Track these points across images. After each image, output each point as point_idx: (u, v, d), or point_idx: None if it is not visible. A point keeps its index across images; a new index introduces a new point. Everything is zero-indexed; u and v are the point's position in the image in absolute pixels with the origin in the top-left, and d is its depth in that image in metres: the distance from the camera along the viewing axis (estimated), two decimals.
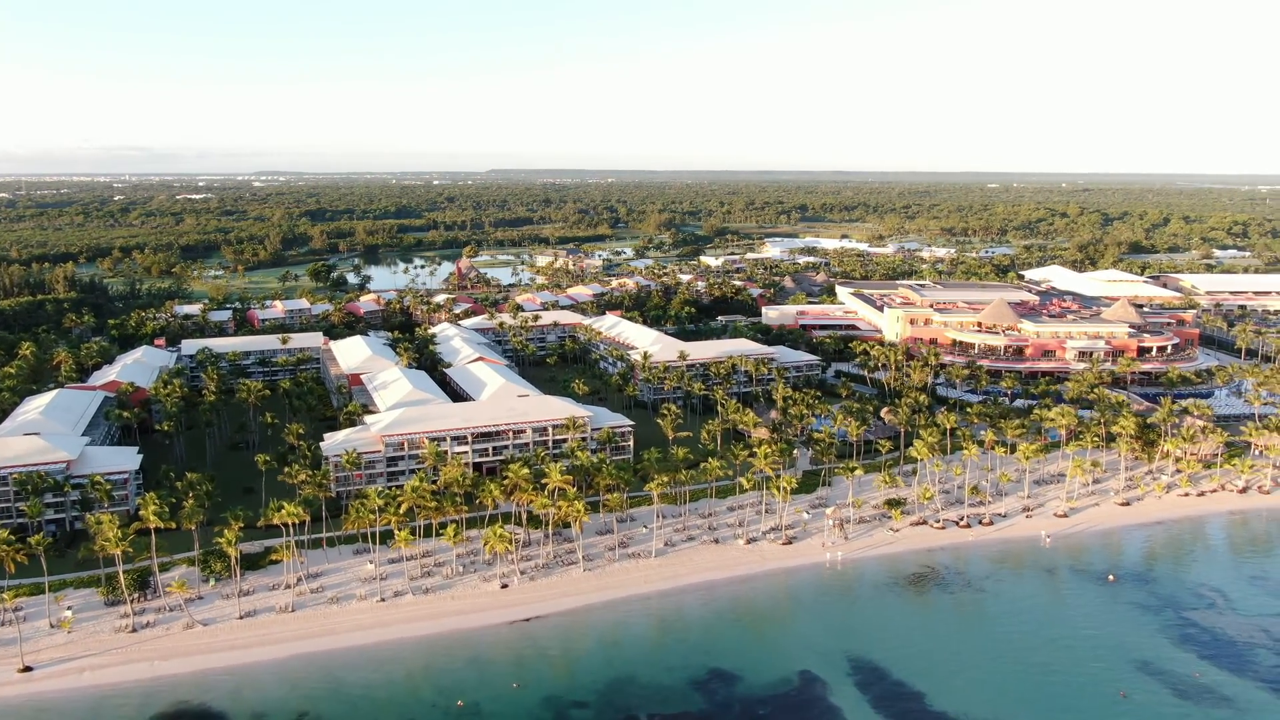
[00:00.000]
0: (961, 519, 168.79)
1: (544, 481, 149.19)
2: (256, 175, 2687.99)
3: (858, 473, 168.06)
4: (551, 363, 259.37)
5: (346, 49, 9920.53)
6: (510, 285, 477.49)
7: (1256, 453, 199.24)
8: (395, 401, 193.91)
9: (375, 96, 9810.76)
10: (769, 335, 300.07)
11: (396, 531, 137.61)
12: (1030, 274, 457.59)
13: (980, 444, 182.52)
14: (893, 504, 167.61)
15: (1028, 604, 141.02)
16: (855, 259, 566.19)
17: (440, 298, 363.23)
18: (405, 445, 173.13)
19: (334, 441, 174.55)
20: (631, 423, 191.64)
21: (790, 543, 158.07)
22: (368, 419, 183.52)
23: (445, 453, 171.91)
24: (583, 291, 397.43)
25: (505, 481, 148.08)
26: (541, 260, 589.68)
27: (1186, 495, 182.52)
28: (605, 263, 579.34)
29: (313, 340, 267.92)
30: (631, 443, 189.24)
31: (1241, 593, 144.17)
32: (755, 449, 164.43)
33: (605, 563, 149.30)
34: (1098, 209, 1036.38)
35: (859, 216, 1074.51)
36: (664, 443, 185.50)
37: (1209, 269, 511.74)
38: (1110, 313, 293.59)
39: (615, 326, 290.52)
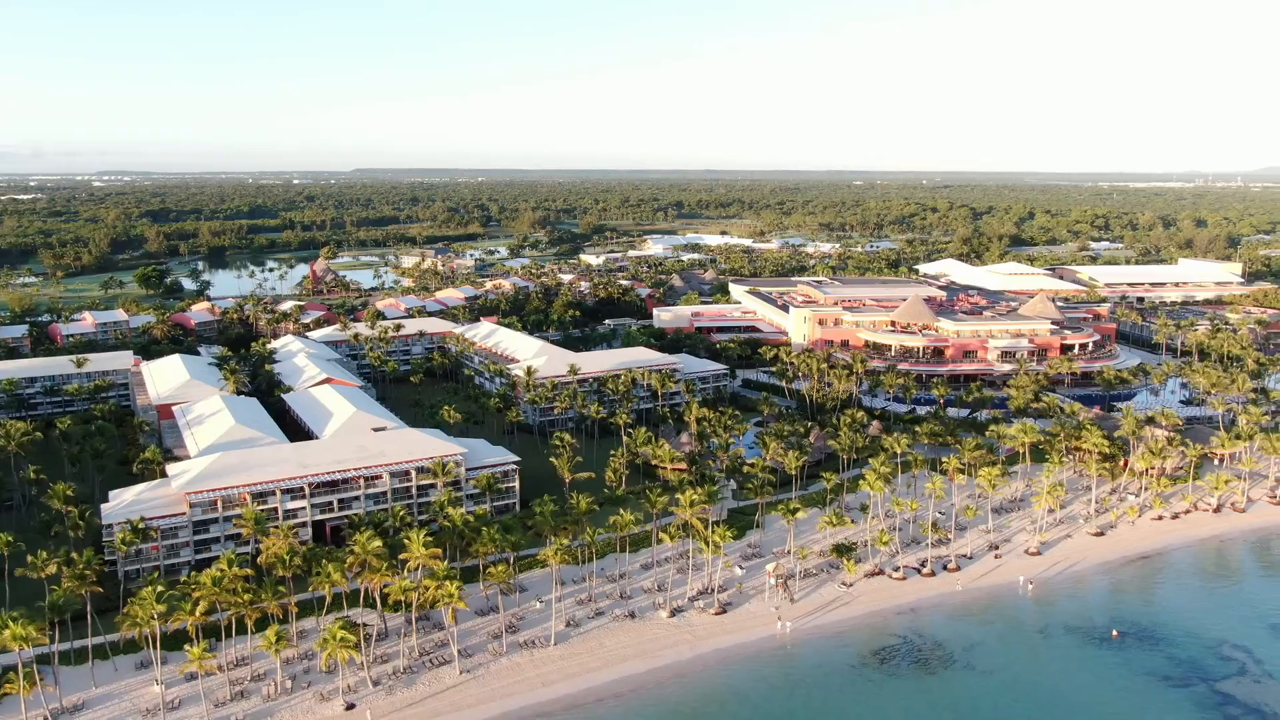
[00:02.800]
0: (923, 564, 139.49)
1: (403, 557, 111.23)
2: (99, 175, 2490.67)
3: (800, 514, 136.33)
4: (417, 381, 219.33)
5: (203, 36, 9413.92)
6: (372, 289, 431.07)
7: (1216, 463, 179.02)
8: (212, 442, 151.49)
9: (233, 92, 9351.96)
10: (664, 340, 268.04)
11: (190, 646, 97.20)
12: (925, 268, 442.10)
13: (943, 473, 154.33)
14: (842, 551, 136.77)
15: (1026, 682, 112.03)
16: (741, 255, 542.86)
17: (287, 305, 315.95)
18: (219, 505, 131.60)
19: (120, 504, 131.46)
20: (516, 459, 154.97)
21: (724, 611, 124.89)
22: (172, 468, 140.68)
23: (271, 514, 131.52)
24: (454, 295, 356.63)
25: (350, 558, 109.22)
26: (408, 261, 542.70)
27: (1161, 519, 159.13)
28: (478, 263, 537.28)
29: (120, 361, 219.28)
30: (517, 483, 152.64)
31: (1269, 649, 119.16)
32: (678, 495, 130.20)
33: (489, 657, 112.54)
34: (964, 204, 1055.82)
35: (735, 213, 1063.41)
36: (557, 485, 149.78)
37: (1092, 260, 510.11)
38: (1028, 308, 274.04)
39: (492, 335, 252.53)
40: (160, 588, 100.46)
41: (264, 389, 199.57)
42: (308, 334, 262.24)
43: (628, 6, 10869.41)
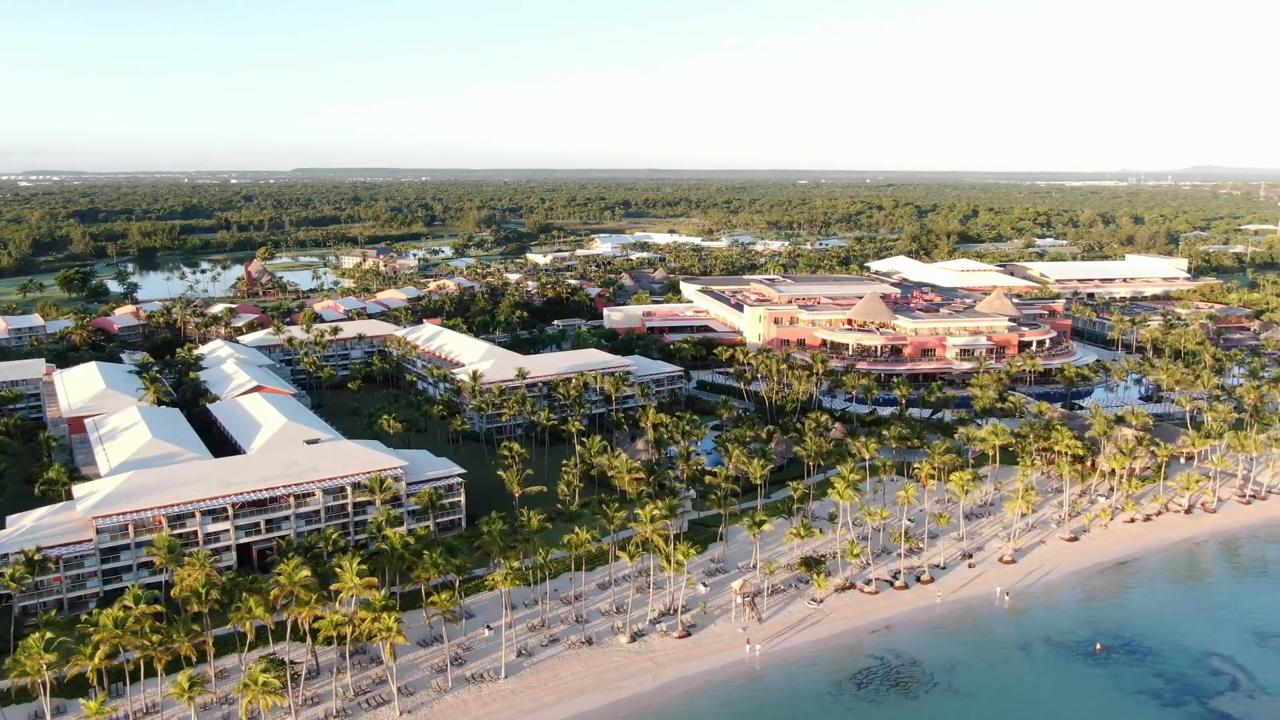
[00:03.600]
0: (895, 576, 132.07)
1: (335, 587, 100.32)
2: (25, 175, 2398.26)
3: (766, 527, 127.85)
4: (355, 388, 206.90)
5: (140, 33, 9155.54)
6: (310, 291, 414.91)
7: (1182, 460, 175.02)
8: (125, 459, 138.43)
9: (171, 91, 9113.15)
10: (615, 341, 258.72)
11: (86, 700, 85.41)
12: (876, 265, 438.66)
13: (913, 478, 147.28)
14: (810, 564, 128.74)
15: (1013, 704, 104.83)
16: (691, 253, 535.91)
17: (218, 308, 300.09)
18: (130, 530, 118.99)
19: (17, 531, 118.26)
20: (461, 471, 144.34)
21: (688, 634, 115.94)
22: (79, 489, 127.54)
23: (190, 538, 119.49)
24: (395, 296, 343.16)
25: (274, 590, 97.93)
26: (348, 262, 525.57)
27: (1133, 521, 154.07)
28: (421, 263, 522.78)
29: (30, 370, 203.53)
30: (463, 497, 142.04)
31: (1258, 662, 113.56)
32: (637, 510, 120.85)
33: (433, 695, 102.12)
34: (909, 202, 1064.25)
35: (683, 212, 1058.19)
36: (506, 497, 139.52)
37: (1039, 257, 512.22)
38: (986, 305, 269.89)
39: (436, 338, 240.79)
40: (50, 634, 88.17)
41: (188, 399, 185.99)
42: (239, 338, 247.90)
43: (573, 10, 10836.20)
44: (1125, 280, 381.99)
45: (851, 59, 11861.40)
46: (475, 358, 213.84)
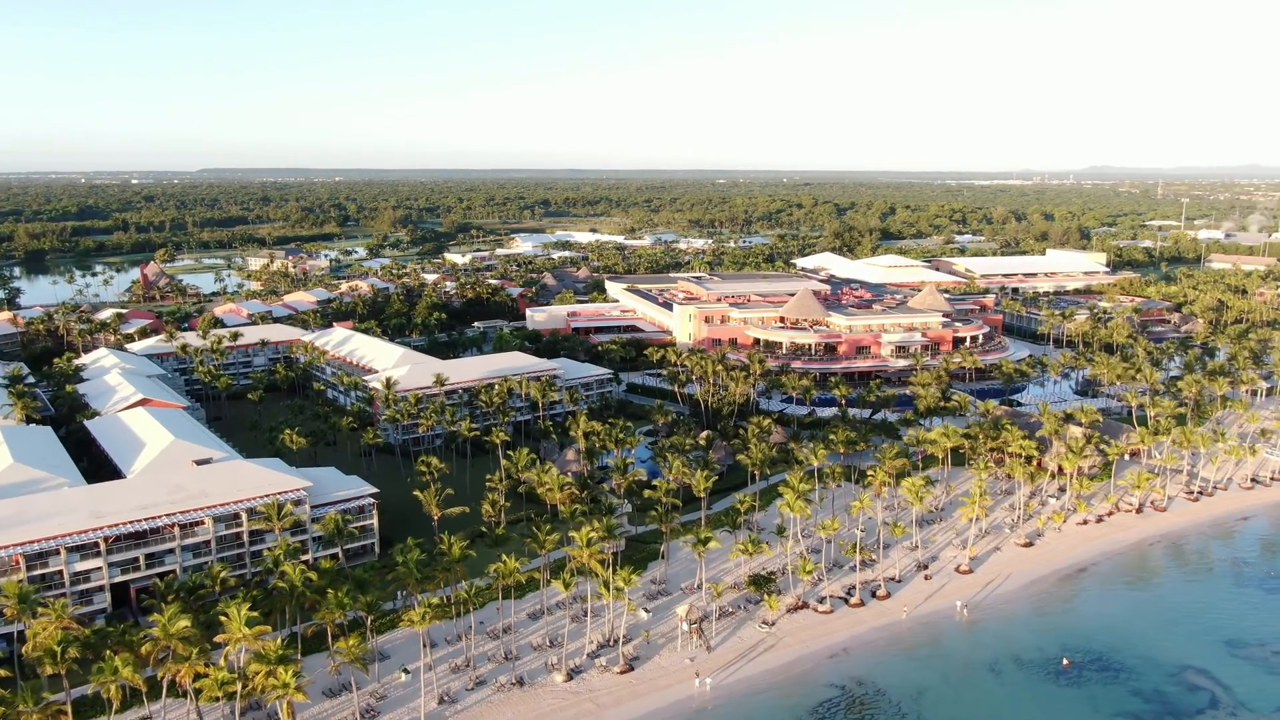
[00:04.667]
0: (850, 592, 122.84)
1: (220, 639, 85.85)
2: None
3: (713, 545, 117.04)
4: (256, 398, 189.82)
5: (30, 32, 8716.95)
6: (213, 294, 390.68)
7: (1127, 458, 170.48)
8: None
9: (67, 88, 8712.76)
10: (540, 343, 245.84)
11: None
12: (802, 262, 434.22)
13: (862, 484, 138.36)
14: (760, 583, 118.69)
15: None
16: (614, 252, 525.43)
17: (107, 313, 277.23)
18: None
19: None
20: (373, 490, 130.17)
21: (631, 668, 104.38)
22: None
23: (55, 578, 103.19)
24: (304, 299, 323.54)
25: (147, 645, 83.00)
26: (255, 263, 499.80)
27: (1086, 523, 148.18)
28: (333, 264, 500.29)
29: None
30: (375, 520, 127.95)
31: (1234, 674, 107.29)
32: (572, 532, 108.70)
33: None
34: (828, 200, 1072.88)
35: (603, 211, 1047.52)
36: (425, 517, 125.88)
37: (960, 253, 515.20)
38: (918, 301, 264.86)
39: (347, 342, 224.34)
40: None
41: (64, 414, 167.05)
42: (127, 347, 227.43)
43: (487, 13, 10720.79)
44: (1048, 275, 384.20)
45: (764, 62, 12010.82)
46: (389, 363, 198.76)
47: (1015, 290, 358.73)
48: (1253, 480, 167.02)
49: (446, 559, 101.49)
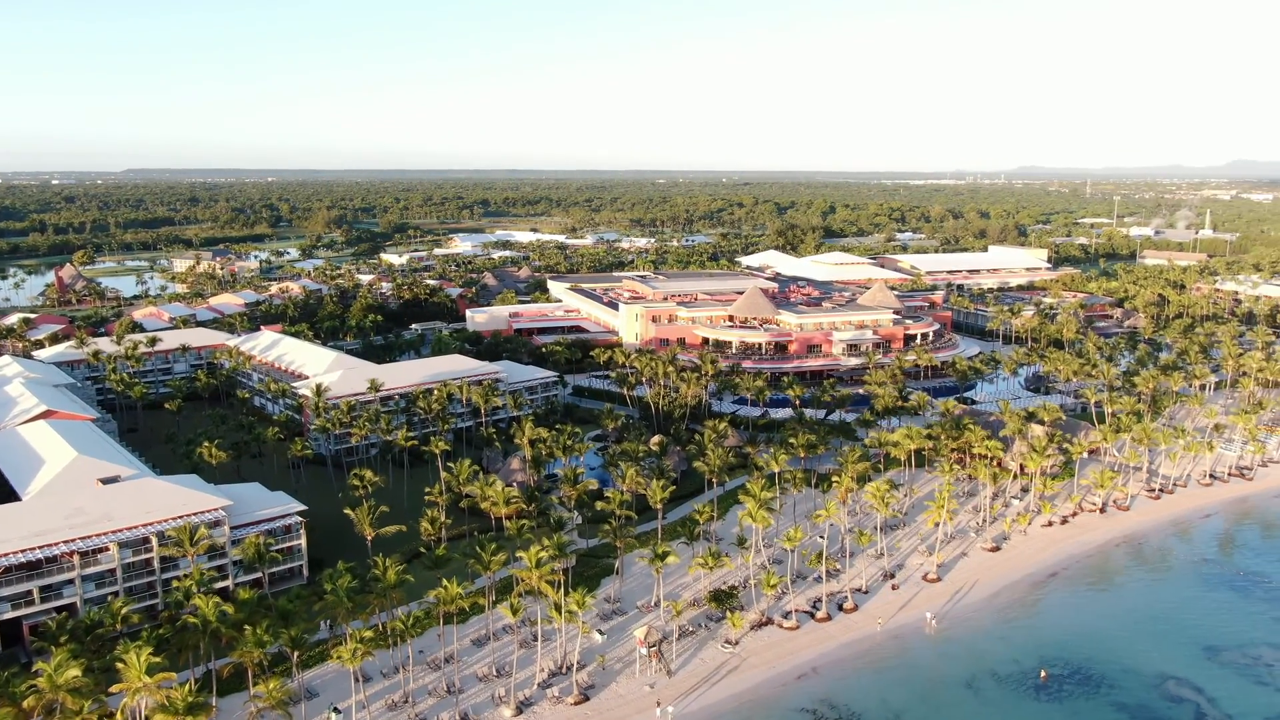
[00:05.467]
0: (816, 606, 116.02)
1: (118, 688, 75.26)
2: None
3: (671, 559, 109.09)
4: (174, 408, 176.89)
5: None
6: (133, 297, 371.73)
7: (1086, 456, 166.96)
8: None
9: None
10: (481, 345, 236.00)
11: None
12: (747, 260, 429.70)
13: (822, 488, 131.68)
14: (721, 599, 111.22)
15: None
16: (556, 251, 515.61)
17: (13, 318, 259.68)
18: None
19: None
20: (300, 507, 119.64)
21: (586, 698, 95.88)
22: None
23: None
24: (231, 301, 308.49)
25: (30, 698, 72.15)
26: (181, 265, 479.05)
27: (1050, 524, 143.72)
28: (264, 265, 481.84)
29: None
30: (304, 540, 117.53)
31: (1216, 683, 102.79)
32: (519, 552, 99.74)
33: None
34: (768, 199, 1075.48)
35: (543, 210, 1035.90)
36: (359, 538, 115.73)
37: (903, 250, 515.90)
38: (868, 298, 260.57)
39: (275, 347, 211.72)
40: None
41: None
42: (34, 354, 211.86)
43: (425, 12, 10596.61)
44: (991, 271, 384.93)
45: (701, 65, 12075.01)
46: (321, 368, 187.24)
47: (960, 287, 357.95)
48: (1211, 477, 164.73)
49: (381, 585, 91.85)
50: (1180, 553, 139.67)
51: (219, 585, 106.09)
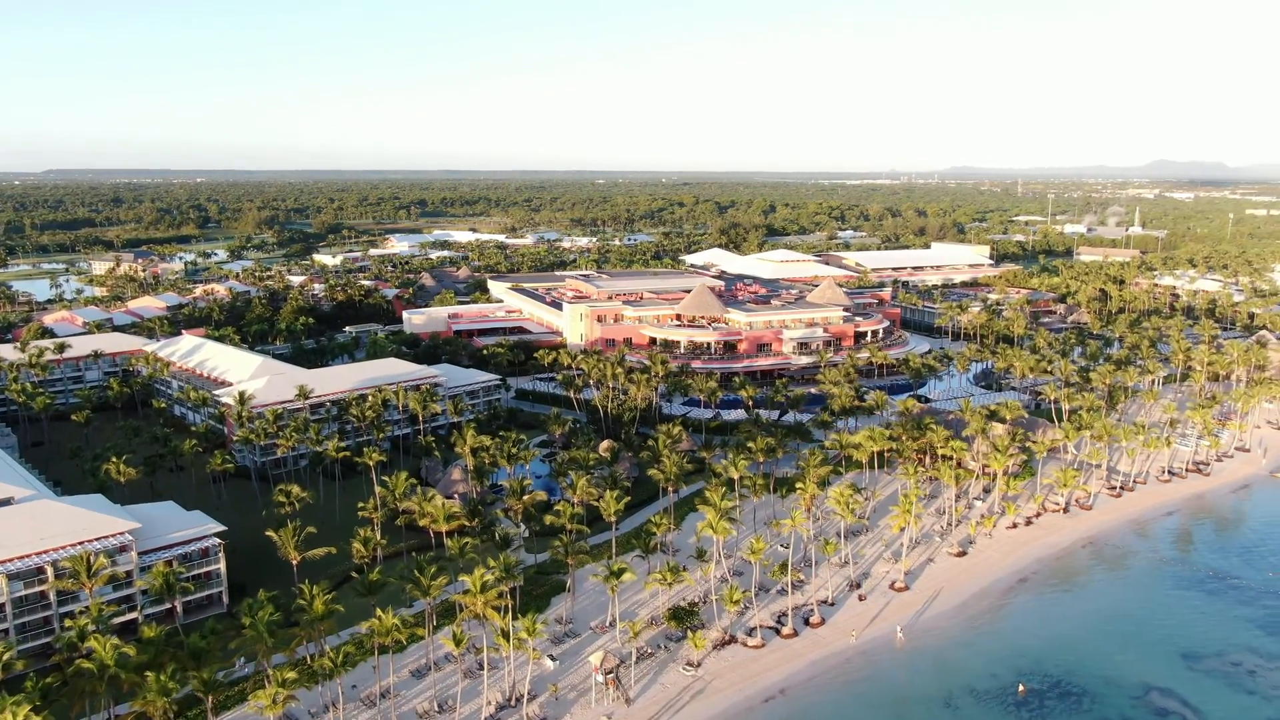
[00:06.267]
0: (781, 620, 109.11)
1: None
2: None
3: (627, 576, 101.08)
4: (82, 419, 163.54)
5: None
6: (47, 301, 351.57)
7: (1044, 455, 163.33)
8: None
9: None
10: (419, 348, 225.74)
11: None
12: (691, 258, 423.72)
13: (781, 494, 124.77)
14: (681, 617, 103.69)
15: None
16: (496, 251, 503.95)
17: None
18: None
19: None
20: (220, 528, 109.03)
21: None
22: None
23: None
24: (151, 305, 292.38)
25: None
26: (100, 267, 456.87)
27: (1015, 526, 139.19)
28: (189, 267, 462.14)
29: None
30: (223, 564, 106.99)
31: (1200, 692, 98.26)
32: (463, 575, 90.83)
33: None
34: (709, 199, 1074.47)
35: (482, 211, 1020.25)
36: (285, 562, 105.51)
37: (845, 248, 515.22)
38: (817, 295, 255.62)
39: (197, 352, 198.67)
40: None
41: None
42: None
43: (362, 10, 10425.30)
44: (935, 268, 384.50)
45: (637, 67, 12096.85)
46: (246, 374, 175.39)
47: (905, 283, 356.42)
48: (1169, 473, 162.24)
49: (307, 617, 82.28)
50: (1147, 553, 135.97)
51: (125, 619, 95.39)
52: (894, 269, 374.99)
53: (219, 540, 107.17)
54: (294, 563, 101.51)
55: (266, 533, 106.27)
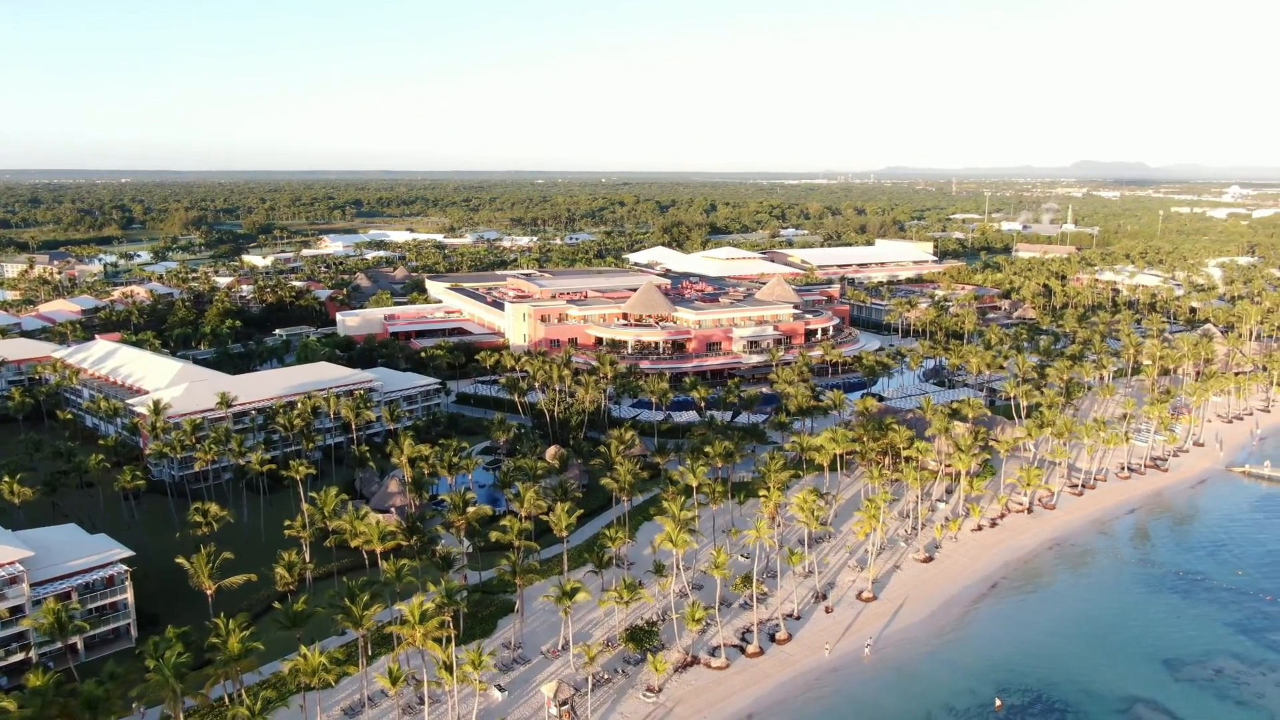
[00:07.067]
0: (745, 638, 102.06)
1: None
2: None
3: (581, 596, 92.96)
4: None
5: None
6: None
7: (1002, 458, 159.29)
8: None
9: None
10: (353, 351, 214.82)
11: None
12: (635, 257, 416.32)
13: (736, 500, 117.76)
14: (639, 638, 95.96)
15: None
16: (434, 250, 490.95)
17: None
18: None
19: None
20: (127, 554, 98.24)
21: None
22: None
23: None
24: (64, 308, 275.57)
25: None
26: (12, 270, 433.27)
27: (980, 528, 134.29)
28: (108, 269, 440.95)
29: None
30: (130, 595, 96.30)
31: (1186, 703, 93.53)
32: (400, 605, 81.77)
33: None
34: (649, 198, 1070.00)
35: (420, 211, 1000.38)
36: (199, 598, 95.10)
37: (789, 245, 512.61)
38: (766, 292, 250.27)
39: (111, 358, 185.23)
40: None
41: None
42: None
43: (293, 6, 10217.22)
44: (880, 264, 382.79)
45: (573, 66, 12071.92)
46: (164, 381, 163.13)
47: (851, 280, 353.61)
48: (1128, 469, 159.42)
49: (222, 657, 72.64)
50: (1114, 554, 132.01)
51: (14, 660, 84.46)
52: (839, 266, 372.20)
53: (126, 566, 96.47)
54: (208, 593, 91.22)
55: (177, 560, 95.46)
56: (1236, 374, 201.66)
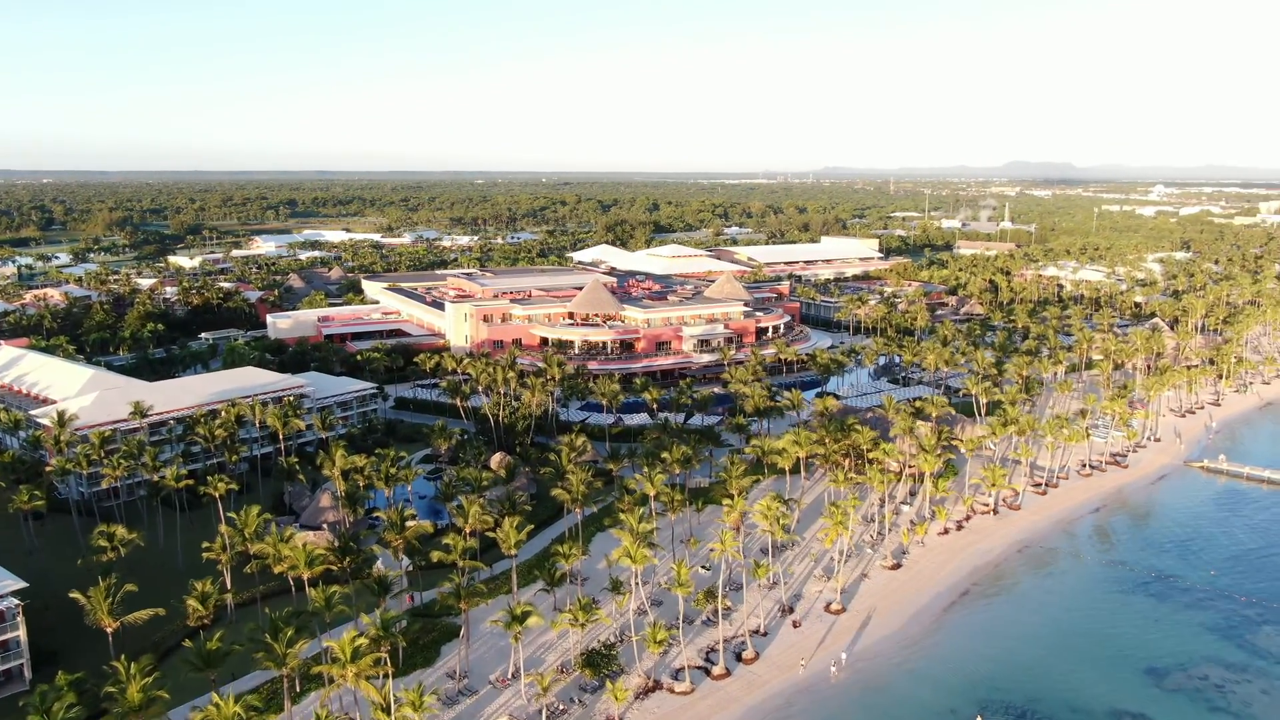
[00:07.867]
0: (710, 657, 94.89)
1: None
2: None
3: (533, 621, 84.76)
4: None
5: None
6: None
7: (966, 457, 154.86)
8: None
9: None
10: (284, 354, 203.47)
11: None
12: (579, 255, 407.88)
13: (694, 506, 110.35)
14: (597, 663, 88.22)
15: None
16: (371, 250, 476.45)
17: None
18: None
19: None
20: (19, 584, 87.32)
21: None
22: None
23: None
24: None
25: None
26: None
27: (946, 532, 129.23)
28: (22, 271, 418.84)
29: None
30: (22, 630, 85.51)
31: (1172, 714, 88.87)
32: (328, 643, 72.74)
33: None
34: (591, 197, 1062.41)
35: (356, 211, 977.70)
36: (104, 636, 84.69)
37: (733, 243, 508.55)
38: (716, 290, 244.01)
39: (15, 365, 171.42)
40: None
41: None
42: None
43: (227, 8, 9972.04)
44: (827, 261, 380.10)
45: (512, 67, 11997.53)
46: (73, 390, 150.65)
47: (799, 278, 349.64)
48: (1089, 466, 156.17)
49: (120, 707, 63.03)
50: (1084, 555, 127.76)
51: None
52: (786, 263, 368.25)
53: (17, 600, 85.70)
54: (109, 631, 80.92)
55: (71, 594, 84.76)
56: (1188, 368, 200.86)
